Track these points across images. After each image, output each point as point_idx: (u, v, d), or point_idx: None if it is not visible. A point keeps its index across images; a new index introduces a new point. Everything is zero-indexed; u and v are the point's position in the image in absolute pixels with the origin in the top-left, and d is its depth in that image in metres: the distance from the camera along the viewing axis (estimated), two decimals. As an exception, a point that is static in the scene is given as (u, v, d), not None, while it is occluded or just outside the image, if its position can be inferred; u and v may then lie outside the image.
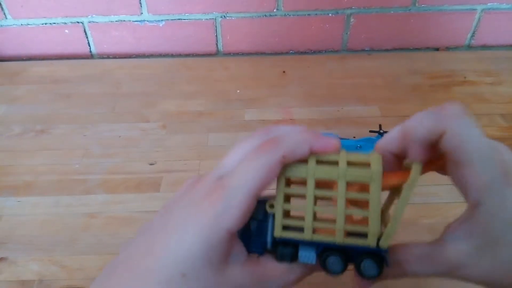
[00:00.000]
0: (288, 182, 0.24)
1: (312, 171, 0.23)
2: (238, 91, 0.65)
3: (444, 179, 0.27)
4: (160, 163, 0.52)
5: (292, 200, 0.25)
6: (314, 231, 0.24)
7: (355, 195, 0.23)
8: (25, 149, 0.55)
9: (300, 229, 0.24)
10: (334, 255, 0.24)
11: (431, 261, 0.23)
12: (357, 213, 0.23)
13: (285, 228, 0.24)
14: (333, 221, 0.23)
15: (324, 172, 0.23)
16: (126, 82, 0.68)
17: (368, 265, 0.24)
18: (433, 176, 0.28)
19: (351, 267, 0.25)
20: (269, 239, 0.25)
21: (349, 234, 0.24)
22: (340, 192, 0.23)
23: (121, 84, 0.67)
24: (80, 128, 0.58)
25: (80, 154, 0.54)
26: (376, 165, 0.22)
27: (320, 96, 0.64)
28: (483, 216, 0.22)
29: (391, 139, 0.25)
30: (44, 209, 0.47)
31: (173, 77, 0.69)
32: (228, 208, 0.22)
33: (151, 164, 0.52)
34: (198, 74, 0.70)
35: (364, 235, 0.23)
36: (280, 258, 0.24)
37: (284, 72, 0.70)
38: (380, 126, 0.54)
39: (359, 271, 0.24)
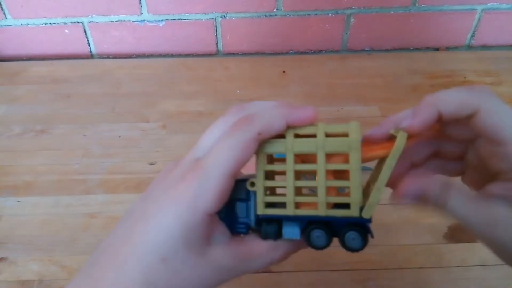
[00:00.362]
0: (270, 160, 0.24)
1: (290, 145, 0.23)
2: (238, 91, 0.65)
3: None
4: (160, 163, 0.52)
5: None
6: (297, 206, 0.23)
7: (334, 166, 0.22)
8: (25, 149, 0.55)
9: (283, 205, 0.23)
10: (318, 229, 0.24)
11: (476, 207, 0.22)
12: (337, 184, 0.23)
13: (268, 205, 0.24)
14: (315, 194, 0.23)
15: (303, 145, 0.22)
16: (126, 82, 0.68)
17: (352, 237, 0.23)
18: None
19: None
20: (252, 217, 0.24)
21: (333, 206, 0.23)
22: (319, 164, 0.22)
23: (121, 84, 0.67)
24: (80, 128, 0.58)
25: (80, 154, 0.54)
26: (354, 133, 0.22)
27: (320, 96, 0.64)
28: None
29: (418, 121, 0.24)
30: (44, 209, 0.47)
31: (173, 77, 0.69)
32: (204, 189, 0.22)
33: (151, 164, 0.52)
34: (198, 74, 0.70)
35: (347, 206, 0.23)
36: (265, 236, 0.24)
37: (284, 72, 0.70)
38: (380, 126, 0.54)
39: (343, 244, 0.24)
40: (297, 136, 0.23)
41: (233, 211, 0.25)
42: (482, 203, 0.22)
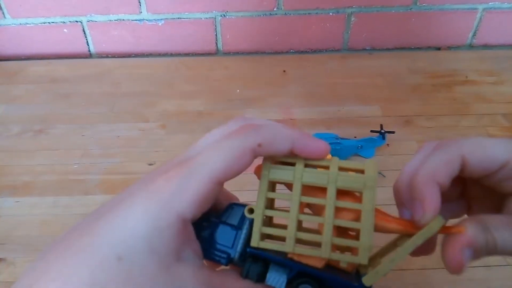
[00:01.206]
0: (274, 187, 0.22)
1: (299, 174, 0.20)
2: (238, 90, 0.65)
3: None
4: (160, 163, 0.52)
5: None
6: (297, 242, 0.20)
7: (345, 203, 0.20)
8: (24, 149, 0.55)
9: (282, 240, 0.20)
10: (308, 284, 0.20)
11: None
12: (347, 224, 0.20)
13: (264, 238, 0.21)
14: (320, 232, 0.20)
15: (313, 176, 0.20)
16: (125, 82, 0.67)
17: None
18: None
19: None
20: (238, 249, 0.21)
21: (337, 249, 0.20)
22: (329, 199, 0.19)
23: (120, 83, 0.67)
24: (79, 128, 0.58)
25: (79, 154, 0.53)
26: (371, 171, 0.20)
27: (321, 96, 0.63)
28: None
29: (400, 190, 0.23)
30: (42, 210, 0.46)
31: (172, 76, 0.69)
32: (183, 188, 0.19)
33: (150, 164, 0.52)
34: (197, 73, 0.70)
35: (353, 252, 0.20)
36: (245, 274, 0.21)
37: (284, 71, 0.70)
38: (381, 126, 0.54)
39: None
40: (307, 166, 0.21)
41: (216, 235, 0.22)
42: None
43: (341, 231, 0.20)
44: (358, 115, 0.59)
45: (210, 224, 0.20)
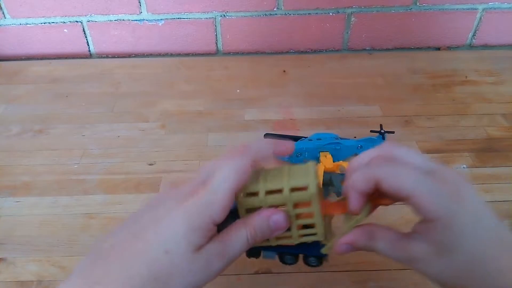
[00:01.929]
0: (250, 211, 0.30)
1: (264, 201, 0.28)
2: (238, 90, 0.65)
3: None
4: (160, 163, 0.52)
5: None
6: (278, 239, 0.30)
7: (301, 210, 0.29)
8: (24, 149, 0.55)
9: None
10: (289, 255, 0.32)
11: (397, 247, 0.27)
12: (305, 222, 0.29)
13: None
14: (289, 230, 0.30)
15: (274, 200, 0.28)
16: (125, 82, 0.68)
17: (312, 260, 0.32)
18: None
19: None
20: None
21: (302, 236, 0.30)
22: (290, 211, 0.29)
23: (120, 83, 0.67)
24: (79, 128, 0.58)
25: (79, 154, 0.53)
26: (312, 188, 0.27)
27: (321, 96, 0.63)
28: (438, 229, 0.25)
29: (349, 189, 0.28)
30: (42, 210, 0.46)
31: (172, 76, 0.69)
32: (212, 199, 0.26)
33: (150, 164, 0.52)
34: (197, 73, 0.70)
35: (314, 235, 0.30)
36: (249, 255, 0.33)
37: (284, 71, 0.70)
38: (381, 126, 0.54)
39: (306, 263, 0.33)
40: (268, 192, 0.28)
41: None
42: (404, 242, 0.27)
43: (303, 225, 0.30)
44: (358, 115, 0.59)
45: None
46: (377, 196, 0.28)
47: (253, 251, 0.32)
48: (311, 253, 0.32)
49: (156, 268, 0.25)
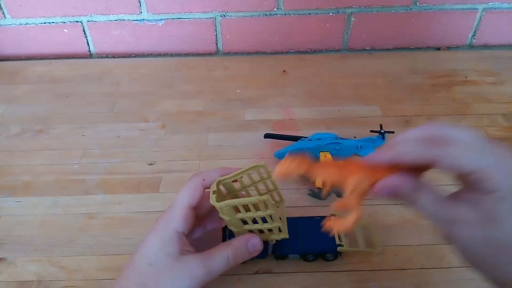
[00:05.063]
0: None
1: (236, 215, 0.35)
2: (238, 90, 0.65)
3: (445, 180, 0.27)
4: (160, 163, 0.52)
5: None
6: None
7: (263, 213, 0.35)
8: (24, 149, 0.55)
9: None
10: (311, 254, 0.40)
11: (441, 206, 0.27)
12: (267, 226, 0.36)
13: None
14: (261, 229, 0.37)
15: (245, 215, 0.35)
16: (125, 82, 0.68)
17: (329, 256, 0.40)
18: (433, 176, 0.27)
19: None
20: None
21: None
22: (258, 219, 0.36)
23: (120, 83, 0.67)
24: (79, 128, 0.58)
25: (79, 154, 0.54)
26: (269, 208, 0.34)
27: (321, 96, 0.63)
28: (494, 199, 0.25)
29: (380, 159, 0.29)
30: (42, 210, 0.46)
31: (172, 76, 0.69)
32: (173, 214, 0.34)
33: (150, 164, 0.52)
34: (197, 73, 0.70)
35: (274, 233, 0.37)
36: (277, 258, 0.40)
37: (284, 71, 0.70)
38: (381, 126, 0.54)
39: (324, 258, 0.40)
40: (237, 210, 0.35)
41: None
42: (449, 203, 0.26)
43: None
44: (358, 115, 0.59)
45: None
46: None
47: (281, 255, 0.40)
48: (328, 251, 0.39)
49: (143, 279, 0.32)
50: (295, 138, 0.52)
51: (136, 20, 0.72)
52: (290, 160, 0.30)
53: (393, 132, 0.53)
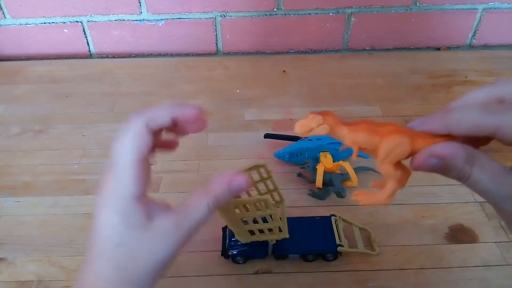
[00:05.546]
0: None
1: (238, 216, 0.35)
2: (238, 90, 0.65)
3: (445, 180, 0.27)
4: (160, 163, 0.52)
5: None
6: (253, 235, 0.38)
7: (263, 213, 0.35)
8: (24, 149, 0.55)
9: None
10: (311, 254, 0.40)
11: (499, 179, 0.22)
12: (267, 226, 0.36)
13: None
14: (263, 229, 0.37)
15: (247, 216, 0.35)
16: (125, 82, 0.68)
17: (329, 256, 0.40)
18: (434, 176, 0.27)
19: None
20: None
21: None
22: (258, 220, 0.36)
23: (120, 83, 0.67)
24: (79, 128, 0.58)
25: (79, 154, 0.54)
26: (270, 208, 0.34)
27: (321, 96, 0.63)
28: None
29: (430, 128, 0.24)
30: (42, 210, 0.46)
31: (172, 76, 0.69)
32: (121, 179, 0.26)
33: (150, 164, 0.52)
34: (197, 73, 0.70)
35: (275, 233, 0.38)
36: (277, 258, 0.41)
37: (284, 71, 0.70)
38: (381, 126, 0.54)
39: (324, 258, 0.40)
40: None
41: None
42: (509, 177, 0.22)
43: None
44: (358, 115, 0.59)
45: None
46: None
47: (281, 255, 0.40)
48: (328, 251, 0.39)
49: (118, 263, 0.26)
50: (295, 138, 0.52)
51: (136, 20, 0.72)
52: (313, 116, 0.24)
53: (393, 132, 0.53)
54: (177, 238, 0.26)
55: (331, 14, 0.72)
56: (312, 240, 0.40)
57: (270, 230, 0.37)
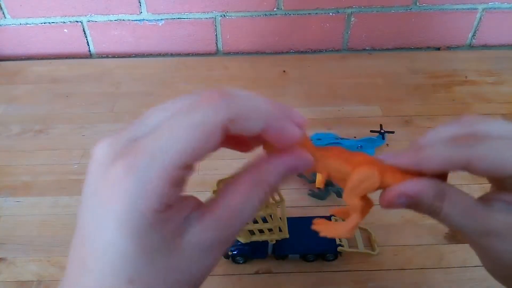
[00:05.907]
0: None
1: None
2: (238, 90, 0.65)
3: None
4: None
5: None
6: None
7: (267, 225, 0.37)
8: (24, 149, 0.55)
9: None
10: (311, 254, 0.40)
11: (471, 215, 0.22)
12: (267, 226, 0.37)
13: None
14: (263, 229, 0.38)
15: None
16: (125, 82, 0.67)
17: (329, 256, 0.40)
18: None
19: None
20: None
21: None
22: (258, 220, 0.36)
23: (120, 83, 0.67)
24: (79, 128, 0.58)
25: (79, 154, 0.53)
26: (270, 208, 0.36)
27: (321, 96, 0.63)
28: None
29: (400, 163, 0.23)
30: (42, 210, 0.46)
31: (172, 76, 0.69)
32: (143, 185, 0.16)
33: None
34: (197, 73, 0.70)
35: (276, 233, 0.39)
36: (277, 258, 0.41)
37: (284, 71, 0.70)
38: (381, 126, 0.54)
39: (324, 258, 0.40)
40: None
41: None
42: (482, 210, 0.22)
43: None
44: (358, 115, 0.59)
45: None
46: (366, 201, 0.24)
47: (281, 255, 0.40)
48: (328, 251, 0.39)
49: None
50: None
51: (136, 20, 0.72)
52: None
53: (393, 132, 0.53)
54: (218, 253, 0.19)
55: (331, 14, 0.72)
56: (312, 240, 0.40)
57: (270, 230, 0.37)
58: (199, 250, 0.18)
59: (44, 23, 0.72)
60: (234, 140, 0.22)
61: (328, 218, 0.42)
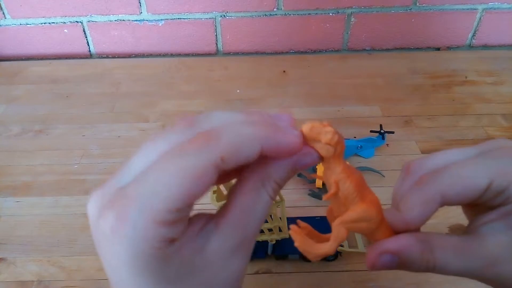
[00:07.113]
0: None
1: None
2: (238, 91, 0.65)
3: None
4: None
5: None
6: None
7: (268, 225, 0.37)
8: (24, 149, 0.55)
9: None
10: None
11: (466, 252, 0.20)
12: (267, 226, 0.37)
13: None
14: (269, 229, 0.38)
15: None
16: (125, 82, 0.68)
17: (330, 256, 0.39)
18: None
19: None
20: None
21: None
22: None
23: (120, 84, 0.67)
24: (79, 128, 0.58)
25: (79, 154, 0.54)
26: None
27: (321, 96, 0.64)
28: None
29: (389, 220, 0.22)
30: (43, 210, 0.46)
31: (172, 76, 0.69)
32: (138, 231, 0.16)
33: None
34: (197, 73, 0.70)
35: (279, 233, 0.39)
36: (277, 258, 0.41)
37: (284, 72, 0.70)
38: (381, 126, 0.54)
39: (323, 258, 0.37)
40: None
41: None
42: (473, 243, 0.21)
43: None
44: (358, 115, 0.59)
45: None
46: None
47: (281, 255, 0.40)
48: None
49: None
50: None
51: (136, 20, 0.72)
52: (331, 130, 0.22)
53: (393, 132, 0.53)
54: (244, 254, 0.18)
55: (331, 14, 0.72)
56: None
57: (270, 230, 0.37)
58: (222, 259, 0.18)
59: (44, 23, 0.72)
60: (234, 172, 0.20)
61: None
